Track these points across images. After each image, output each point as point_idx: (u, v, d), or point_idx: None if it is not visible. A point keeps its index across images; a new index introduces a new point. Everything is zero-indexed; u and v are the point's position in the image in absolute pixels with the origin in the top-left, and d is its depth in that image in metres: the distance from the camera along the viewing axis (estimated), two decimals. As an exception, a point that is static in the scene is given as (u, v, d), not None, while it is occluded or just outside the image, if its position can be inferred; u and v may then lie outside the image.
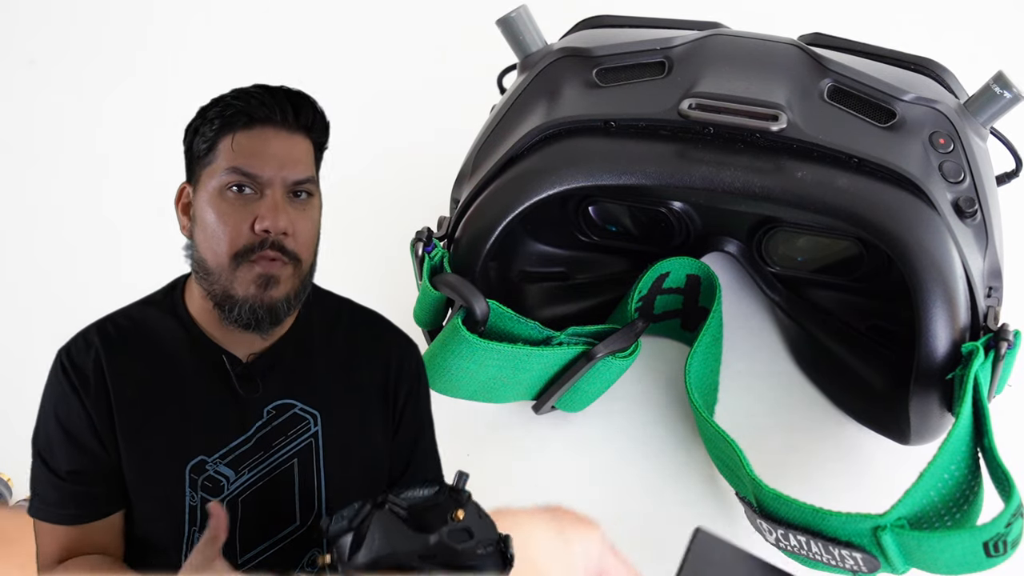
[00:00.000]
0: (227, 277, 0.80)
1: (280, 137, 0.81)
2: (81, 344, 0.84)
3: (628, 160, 1.11)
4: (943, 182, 1.11)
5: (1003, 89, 1.16)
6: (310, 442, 0.85)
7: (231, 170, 0.79)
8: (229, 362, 0.84)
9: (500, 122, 1.21)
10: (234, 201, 0.80)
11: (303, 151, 0.82)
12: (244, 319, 0.80)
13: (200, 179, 0.82)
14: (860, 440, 1.22)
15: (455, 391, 1.16)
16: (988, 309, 1.08)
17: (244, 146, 0.80)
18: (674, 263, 1.23)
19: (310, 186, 0.82)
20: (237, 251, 0.79)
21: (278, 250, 0.79)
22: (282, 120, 0.81)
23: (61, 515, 0.83)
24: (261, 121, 0.80)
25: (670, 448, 1.24)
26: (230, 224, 0.79)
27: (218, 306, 0.81)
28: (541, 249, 1.32)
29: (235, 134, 0.80)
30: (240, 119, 0.80)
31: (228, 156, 0.80)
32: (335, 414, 0.86)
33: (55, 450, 0.83)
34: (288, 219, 0.80)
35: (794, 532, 0.99)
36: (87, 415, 0.82)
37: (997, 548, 0.92)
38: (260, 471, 0.84)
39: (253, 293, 0.80)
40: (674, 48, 1.21)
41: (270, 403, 0.85)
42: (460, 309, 1.12)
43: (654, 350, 1.30)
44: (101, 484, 0.83)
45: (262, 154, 0.80)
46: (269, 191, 0.80)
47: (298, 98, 0.82)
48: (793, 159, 1.10)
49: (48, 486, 0.84)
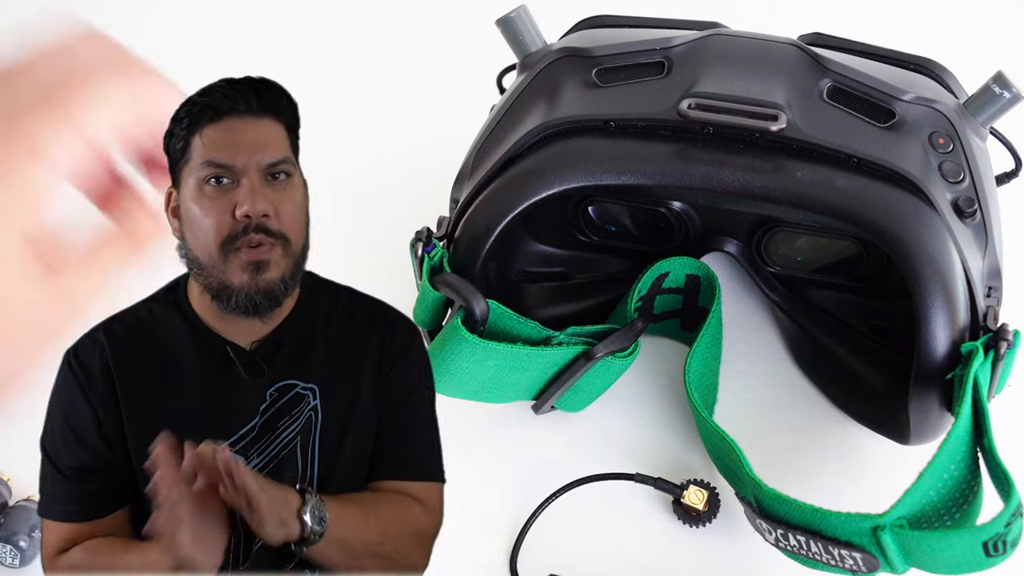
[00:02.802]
0: (219, 268, 0.82)
1: (248, 124, 0.83)
2: (88, 343, 0.87)
3: (628, 160, 1.11)
4: (943, 182, 1.11)
5: (1003, 89, 1.16)
6: (310, 416, 0.87)
7: (205, 164, 0.81)
8: (233, 352, 0.86)
9: (499, 122, 1.21)
10: (213, 193, 0.81)
11: (274, 134, 0.84)
12: (242, 306, 0.82)
13: (181, 179, 0.84)
14: (860, 440, 1.22)
15: (455, 391, 1.16)
16: (988, 309, 1.08)
17: (214, 138, 0.82)
18: (674, 263, 1.23)
19: (286, 167, 0.84)
20: (223, 240, 0.81)
21: (262, 232, 0.81)
22: (247, 108, 0.83)
23: (65, 512, 0.85)
24: (227, 112, 0.82)
25: (670, 448, 1.24)
26: (212, 215, 0.81)
27: (216, 298, 0.83)
28: (541, 249, 1.33)
29: (203, 128, 0.82)
30: (206, 114, 0.82)
31: (200, 151, 0.82)
32: (332, 386, 0.89)
33: (60, 448, 0.85)
34: (266, 201, 0.81)
35: (794, 532, 0.99)
36: (92, 413, 0.84)
37: (997, 548, 0.92)
38: (268, 454, 0.86)
39: (247, 280, 0.81)
40: (674, 48, 1.21)
41: (272, 386, 0.87)
42: (460, 309, 1.12)
43: (654, 350, 1.30)
44: (104, 481, 0.85)
45: (232, 143, 0.82)
46: (245, 178, 0.81)
47: (261, 84, 0.84)
48: (793, 159, 1.10)
49: (54, 483, 0.86)
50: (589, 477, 1.20)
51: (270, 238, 0.81)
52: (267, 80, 0.85)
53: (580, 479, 1.19)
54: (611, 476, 1.19)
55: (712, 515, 1.16)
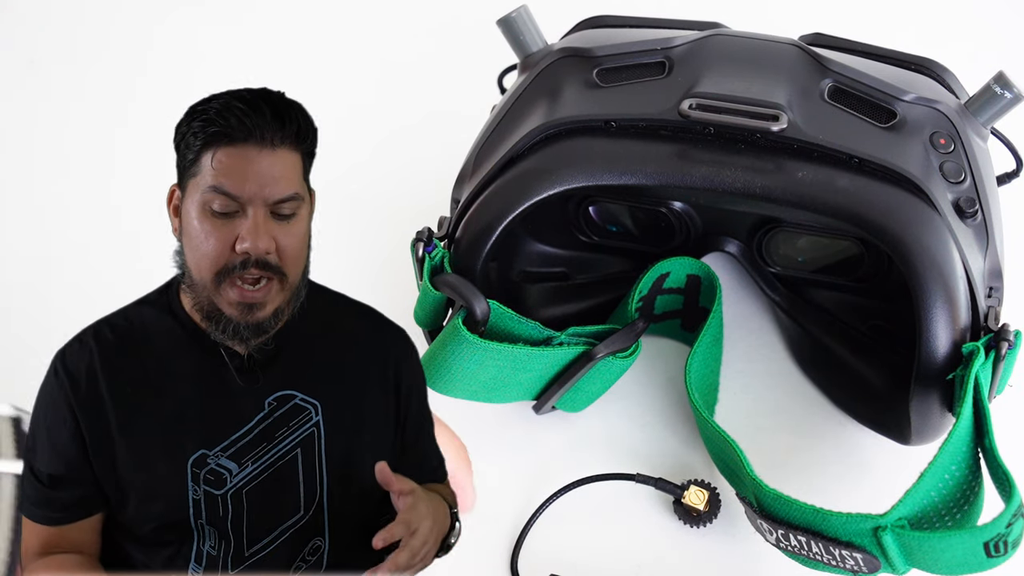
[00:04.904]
0: (211, 292, 0.81)
1: (263, 155, 0.80)
2: (76, 347, 0.85)
3: (628, 160, 1.11)
4: (944, 182, 1.11)
5: (1004, 89, 1.16)
6: (312, 431, 0.86)
7: (212, 188, 0.79)
8: (228, 355, 0.85)
9: (500, 122, 1.21)
10: (215, 219, 0.80)
11: (287, 166, 0.81)
12: (230, 335, 0.82)
13: (187, 188, 0.82)
14: (860, 440, 1.22)
15: (455, 391, 1.16)
16: (989, 309, 1.08)
17: (225, 165, 0.79)
18: (674, 263, 1.23)
19: (294, 204, 0.82)
20: (219, 270, 0.80)
21: (262, 267, 0.80)
22: (264, 138, 0.79)
23: (41, 516, 0.85)
24: (243, 140, 0.79)
25: (670, 448, 1.24)
26: (211, 243, 0.80)
27: (206, 318, 0.83)
28: (541, 249, 1.32)
29: (216, 152, 0.79)
30: (222, 139, 0.79)
31: (210, 173, 0.79)
32: (335, 403, 0.88)
33: (38, 454, 0.85)
34: (269, 238, 0.80)
35: (794, 532, 0.99)
36: (74, 423, 0.83)
37: (998, 548, 0.92)
38: (264, 463, 0.85)
39: (237, 314, 0.81)
40: (674, 48, 1.21)
41: (270, 395, 0.86)
42: (460, 309, 1.12)
43: (654, 350, 1.30)
44: (79, 490, 0.84)
45: (243, 173, 0.79)
46: (251, 209, 0.80)
47: (283, 108, 0.81)
48: (794, 159, 1.10)
49: (31, 487, 0.85)
50: (590, 477, 1.20)
51: (268, 272, 0.80)
52: (290, 102, 0.82)
53: (581, 479, 1.19)
54: (612, 476, 1.19)
55: (713, 515, 1.16)
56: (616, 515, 1.19)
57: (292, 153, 0.82)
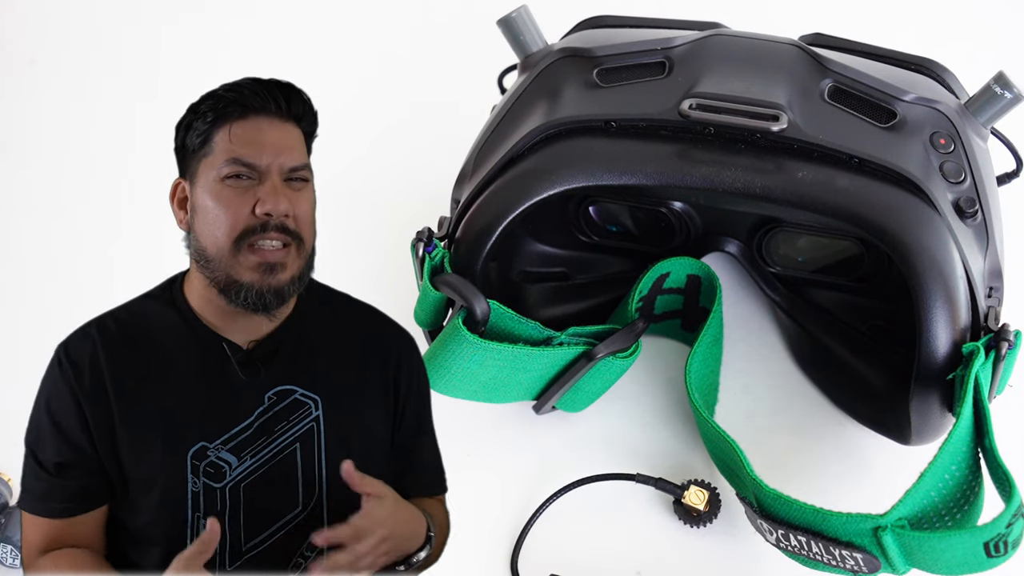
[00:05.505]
0: (228, 262, 0.82)
1: (274, 126, 0.84)
2: (79, 338, 0.86)
3: (629, 160, 1.11)
4: (944, 182, 1.11)
5: (1004, 89, 1.16)
6: (311, 427, 0.87)
7: (230, 160, 0.82)
8: (230, 349, 0.86)
9: (500, 122, 1.21)
10: (232, 190, 0.82)
11: (296, 139, 0.86)
12: (252, 303, 0.83)
13: (197, 172, 0.84)
14: (860, 440, 1.22)
15: (455, 391, 1.16)
16: (989, 309, 1.08)
17: (241, 136, 0.83)
18: (675, 263, 1.23)
19: (305, 172, 0.86)
20: (238, 235, 0.82)
21: (281, 231, 0.82)
22: (276, 109, 0.84)
23: (46, 508, 0.85)
24: (255, 111, 0.84)
25: (670, 448, 1.24)
26: (231, 209, 0.82)
27: (223, 292, 0.84)
28: (542, 249, 1.33)
29: (231, 125, 0.83)
30: (235, 110, 0.83)
31: (226, 147, 0.83)
32: (335, 400, 0.88)
33: (44, 443, 0.85)
34: (288, 202, 0.83)
35: (795, 532, 0.99)
36: (78, 409, 0.84)
37: (998, 548, 0.92)
38: (263, 457, 0.86)
39: (257, 279, 0.82)
40: (674, 48, 1.21)
41: (271, 389, 0.87)
42: (460, 309, 1.12)
43: (654, 350, 1.30)
44: (86, 479, 0.84)
45: (259, 142, 0.83)
46: (268, 178, 0.83)
47: (288, 89, 0.86)
48: (794, 159, 1.10)
49: (35, 479, 0.85)
50: (590, 477, 1.20)
51: (286, 236, 0.83)
52: (292, 85, 0.86)
53: (581, 479, 1.19)
54: (612, 476, 1.19)
55: (713, 515, 1.16)
56: (616, 515, 1.19)
57: (297, 129, 0.86)
